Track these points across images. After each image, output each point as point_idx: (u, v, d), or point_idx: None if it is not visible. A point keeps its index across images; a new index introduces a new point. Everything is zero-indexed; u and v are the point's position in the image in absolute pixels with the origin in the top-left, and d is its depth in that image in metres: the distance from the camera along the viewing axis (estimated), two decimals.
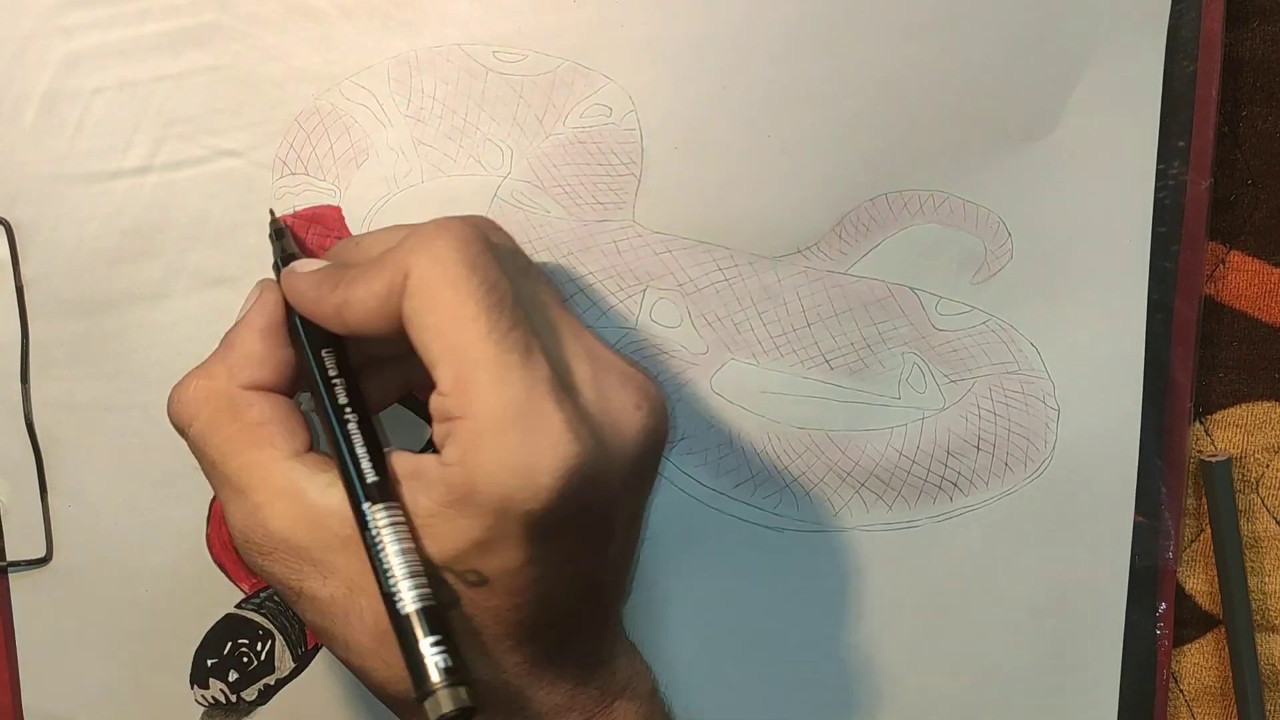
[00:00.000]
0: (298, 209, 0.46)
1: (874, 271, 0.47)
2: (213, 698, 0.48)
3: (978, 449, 0.48)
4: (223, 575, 0.48)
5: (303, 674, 0.49)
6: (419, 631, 0.35)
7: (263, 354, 0.40)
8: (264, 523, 0.38)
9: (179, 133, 0.45)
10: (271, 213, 0.45)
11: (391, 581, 0.35)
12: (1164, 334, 0.47)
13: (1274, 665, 0.51)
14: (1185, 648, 0.51)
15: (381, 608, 0.36)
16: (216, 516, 0.47)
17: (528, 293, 0.38)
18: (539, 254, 0.46)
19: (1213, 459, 0.48)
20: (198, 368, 0.40)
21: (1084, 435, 0.48)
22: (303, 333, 0.40)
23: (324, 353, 0.40)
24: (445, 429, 0.36)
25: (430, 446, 0.42)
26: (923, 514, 0.48)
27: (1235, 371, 0.49)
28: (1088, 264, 0.47)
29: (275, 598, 0.48)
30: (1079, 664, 0.49)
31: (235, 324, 0.41)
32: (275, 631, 0.48)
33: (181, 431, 0.40)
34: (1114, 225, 0.47)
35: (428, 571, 0.36)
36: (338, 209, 0.46)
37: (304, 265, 0.40)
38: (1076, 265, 0.47)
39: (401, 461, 0.38)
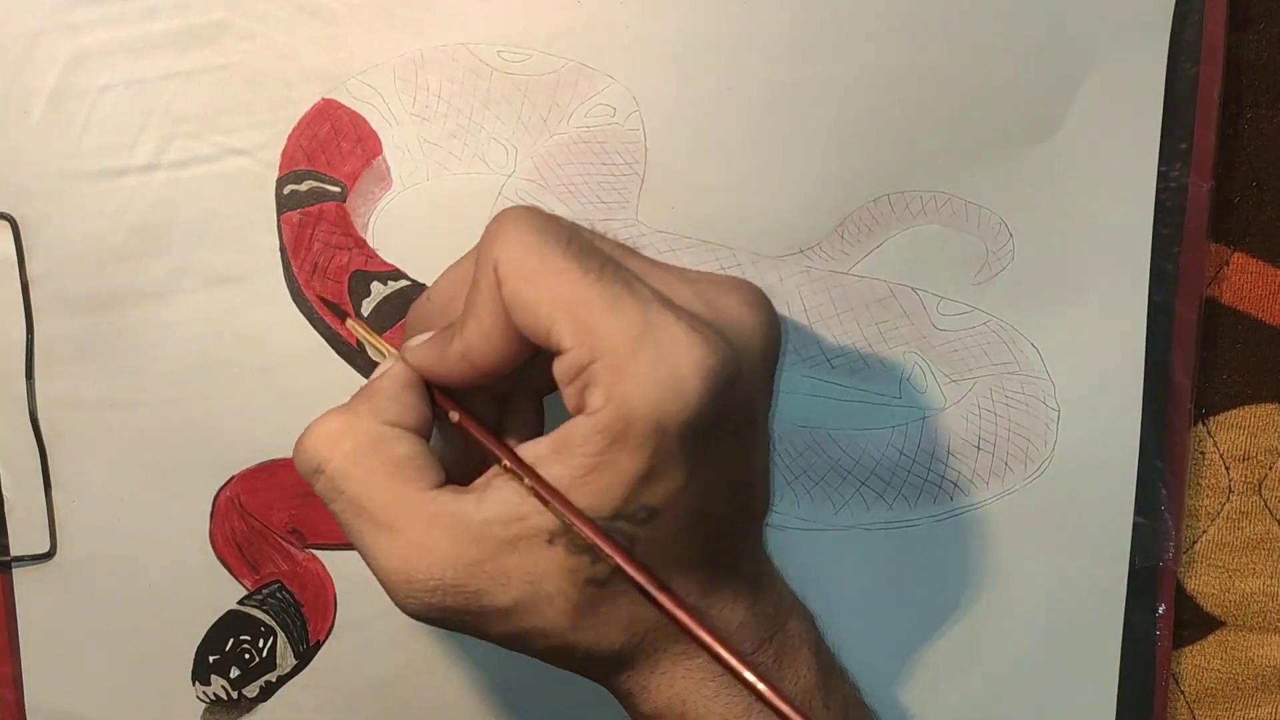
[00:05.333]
0: (304, 207, 0.46)
1: (876, 271, 0.47)
2: (214, 694, 0.49)
3: (978, 449, 0.48)
4: (225, 571, 0.48)
5: (304, 671, 0.49)
6: None
7: (409, 401, 0.39)
8: (429, 553, 0.37)
9: (187, 130, 0.45)
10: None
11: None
12: (1164, 335, 0.47)
13: (1275, 666, 0.50)
14: (1186, 649, 0.51)
15: (566, 584, 0.37)
16: (220, 512, 0.47)
17: (605, 244, 0.38)
18: None
19: None
20: (333, 410, 0.39)
21: (1084, 436, 0.48)
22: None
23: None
24: (580, 382, 0.36)
25: None
26: (922, 513, 0.48)
27: (1239, 373, 0.49)
28: (1089, 265, 0.47)
29: (278, 594, 0.48)
30: (1077, 664, 0.49)
31: (372, 379, 0.41)
32: (277, 628, 0.48)
33: (314, 471, 0.39)
34: (1115, 227, 0.47)
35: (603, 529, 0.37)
36: (344, 207, 0.46)
37: (415, 340, 0.40)
38: (1078, 266, 0.47)
39: (540, 446, 0.38)
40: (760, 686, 0.37)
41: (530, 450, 0.38)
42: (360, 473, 0.38)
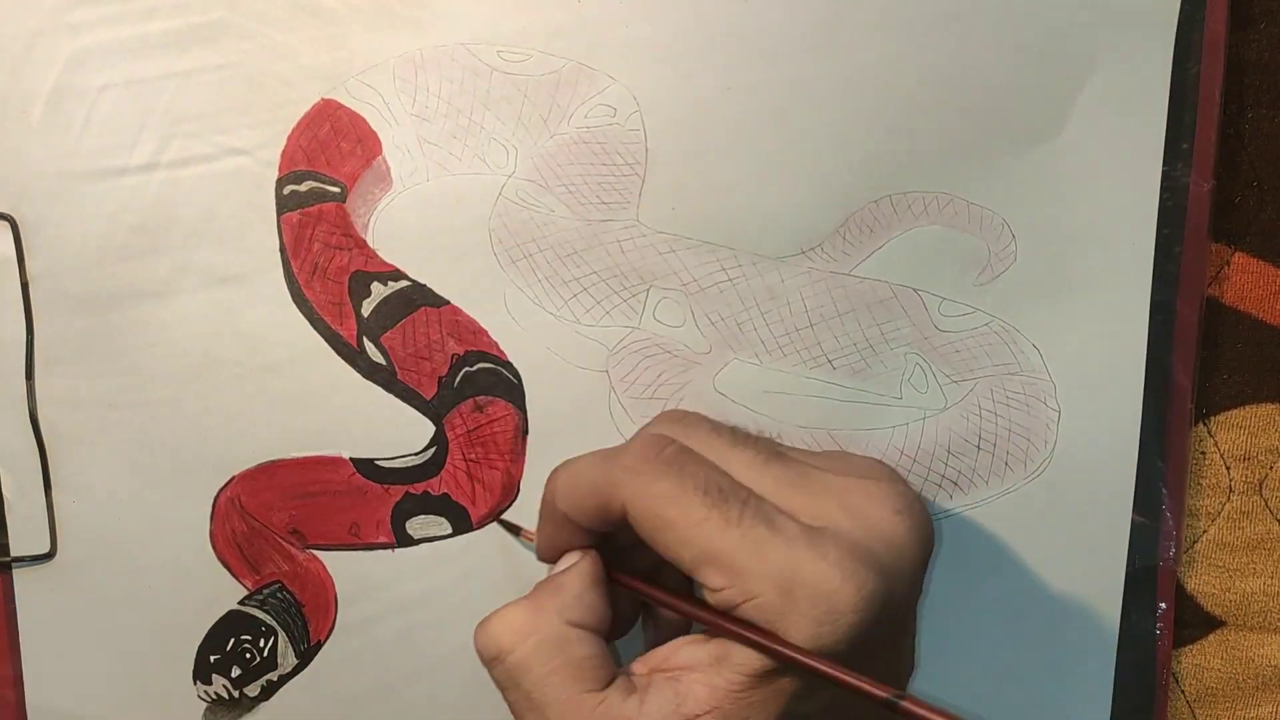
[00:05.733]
0: (304, 208, 0.46)
1: (878, 272, 0.47)
2: (215, 693, 0.49)
3: (978, 448, 0.48)
4: (226, 571, 0.48)
5: (305, 670, 0.49)
6: None
7: (592, 601, 0.41)
8: None
9: (186, 130, 0.45)
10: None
11: None
12: (1165, 335, 0.47)
13: (1275, 665, 0.50)
14: (1187, 648, 0.51)
15: None
16: (220, 513, 0.47)
17: (741, 463, 0.39)
18: (544, 253, 0.46)
19: None
20: (519, 603, 0.41)
21: (1084, 436, 0.48)
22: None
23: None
24: (736, 615, 0.37)
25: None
26: None
27: (1239, 373, 0.49)
28: (1091, 266, 0.47)
29: (278, 594, 0.48)
30: (1077, 663, 0.49)
31: (558, 572, 0.42)
32: (278, 628, 0.48)
33: (494, 658, 0.40)
34: (1117, 227, 0.47)
35: None
36: (344, 207, 0.46)
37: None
38: (1080, 267, 0.47)
39: (700, 651, 0.39)
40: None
41: (690, 653, 0.39)
42: (541, 669, 0.39)
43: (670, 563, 0.39)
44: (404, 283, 0.46)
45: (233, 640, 0.48)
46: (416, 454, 0.47)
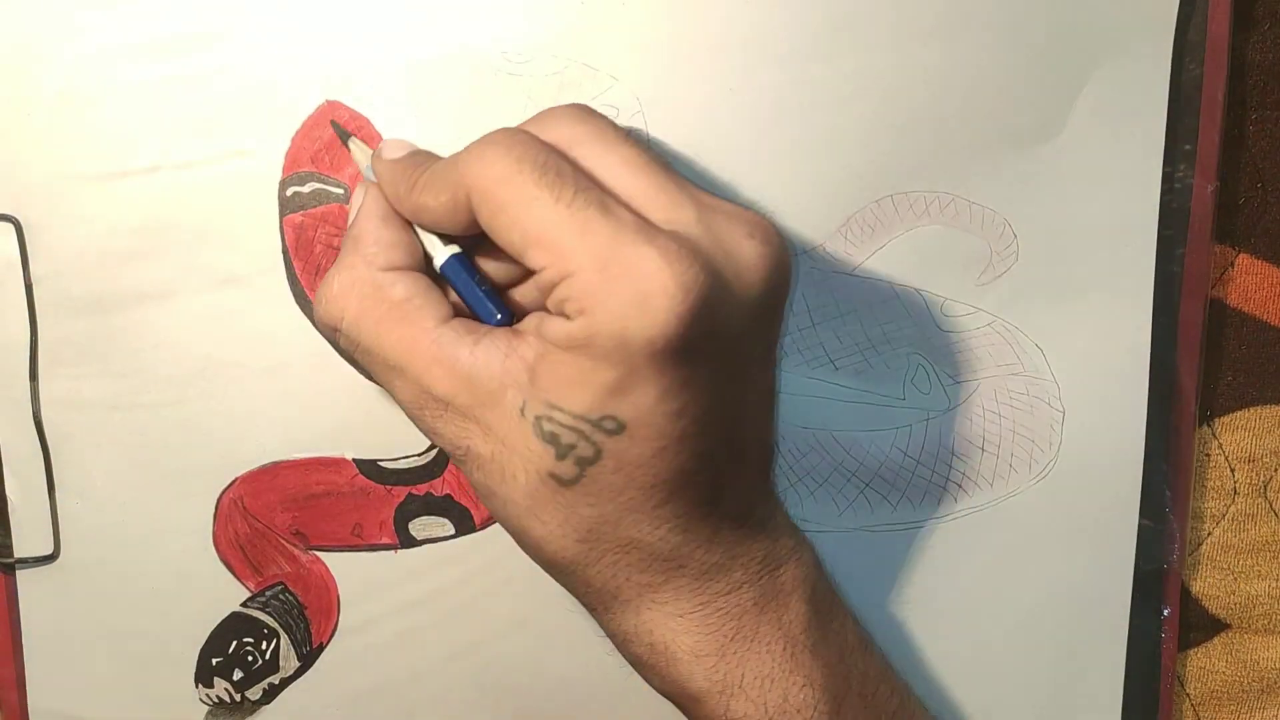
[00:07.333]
0: (307, 209, 0.46)
1: (879, 272, 0.47)
2: (217, 696, 0.49)
3: (982, 450, 0.48)
4: (229, 574, 0.48)
5: (307, 673, 0.49)
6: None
7: (390, 238, 0.41)
8: (428, 389, 0.39)
9: (189, 133, 0.45)
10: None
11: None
12: (1169, 337, 0.47)
13: (1278, 667, 0.50)
14: (1191, 651, 0.51)
15: (530, 466, 0.38)
16: (223, 514, 0.47)
17: (619, 159, 0.39)
18: None
19: None
20: (335, 266, 0.41)
21: (1089, 438, 0.48)
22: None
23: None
24: (556, 298, 0.37)
25: None
26: (927, 515, 0.48)
27: (1243, 375, 0.49)
28: (1093, 266, 0.47)
29: (281, 596, 0.48)
30: (1083, 667, 0.49)
31: (354, 219, 0.42)
32: (280, 630, 0.48)
33: (334, 330, 0.41)
34: (1120, 228, 0.47)
35: (568, 425, 0.38)
36: (347, 208, 0.46)
37: (389, 150, 0.42)
38: (1082, 267, 0.47)
39: (529, 319, 0.39)
40: None
41: (524, 322, 0.40)
42: (368, 322, 0.40)
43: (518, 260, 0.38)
44: None
45: (235, 643, 0.48)
46: (419, 455, 0.47)
